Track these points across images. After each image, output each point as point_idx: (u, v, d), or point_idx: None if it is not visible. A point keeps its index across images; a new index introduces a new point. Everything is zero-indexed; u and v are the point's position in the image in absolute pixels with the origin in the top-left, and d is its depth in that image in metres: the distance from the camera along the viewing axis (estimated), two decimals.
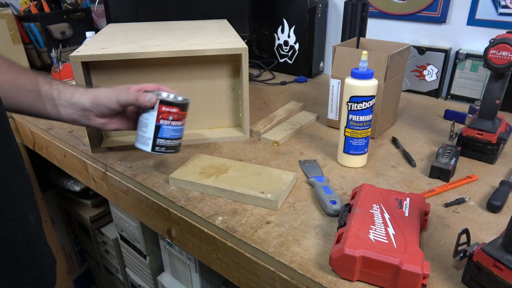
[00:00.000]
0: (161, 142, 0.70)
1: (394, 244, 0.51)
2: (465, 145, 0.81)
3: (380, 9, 1.24)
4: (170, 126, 0.70)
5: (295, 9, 1.31)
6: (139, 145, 0.72)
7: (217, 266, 0.68)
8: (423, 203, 0.60)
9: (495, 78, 0.75)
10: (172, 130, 0.71)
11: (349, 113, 0.75)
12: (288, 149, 0.88)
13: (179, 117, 0.70)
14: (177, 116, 0.70)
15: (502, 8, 1.02)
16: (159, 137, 0.70)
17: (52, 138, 1.00)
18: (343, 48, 0.91)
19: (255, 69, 1.48)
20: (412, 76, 1.19)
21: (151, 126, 0.69)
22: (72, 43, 1.54)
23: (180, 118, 0.71)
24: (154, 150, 0.71)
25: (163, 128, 0.70)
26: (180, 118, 0.71)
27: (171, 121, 0.69)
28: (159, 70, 0.87)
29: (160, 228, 0.77)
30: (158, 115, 0.69)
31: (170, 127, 0.70)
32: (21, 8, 1.54)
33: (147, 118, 0.70)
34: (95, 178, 0.90)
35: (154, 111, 0.68)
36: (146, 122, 0.70)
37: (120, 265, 1.37)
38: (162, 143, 0.71)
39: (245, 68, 0.84)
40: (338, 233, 0.55)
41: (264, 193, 0.68)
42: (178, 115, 0.70)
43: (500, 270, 0.45)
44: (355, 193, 0.64)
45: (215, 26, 1.06)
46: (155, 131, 0.69)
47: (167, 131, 0.70)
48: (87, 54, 0.78)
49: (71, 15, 1.54)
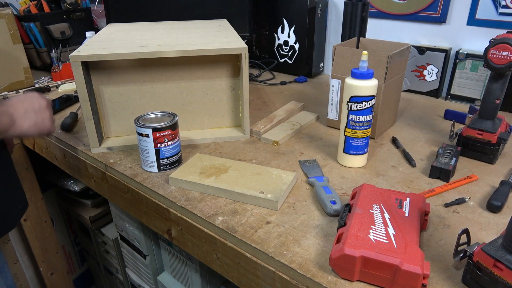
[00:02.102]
0: (164, 161, 0.79)
1: (394, 244, 0.51)
2: (465, 145, 0.81)
3: (380, 9, 1.24)
4: (168, 146, 0.77)
5: (295, 9, 1.31)
6: (146, 168, 0.80)
7: (217, 266, 0.68)
8: (423, 203, 0.60)
9: (495, 78, 0.75)
10: (171, 149, 0.78)
11: (349, 113, 0.75)
12: (288, 149, 0.88)
13: (173, 136, 0.78)
14: (171, 136, 0.77)
15: (502, 8, 1.02)
16: (161, 159, 0.78)
17: (52, 138, 1.00)
18: (343, 48, 0.91)
19: (255, 69, 1.48)
20: (412, 76, 1.19)
21: (152, 152, 0.77)
22: (72, 43, 1.54)
23: (174, 136, 0.78)
24: (160, 170, 0.79)
25: (162, 150, 0.77)
26: (174, 136, 0.78)
27: (167, 142, 0.77)
28: (159, 70, 0.87)
29: (160, 228, 0.77)
30: (154, 141, 0.76)
31: (168, 147, 0.78)
32: (21, 8, 1.54)
33: (145, 146, 0.77)
34: (95, 178, 0.90)
35: (149, 138, 0.75)
36: (146, 148, 0.77)
37: (120, 265, 1.37)
38: (165, 162, 0.79)
39: (245, 68, 0.84)
40: (338, 233, 0.55)
41: (264, 193, 0.68)
42: (172, 135, 0.77)
43: (500, 270, 0.45)
44: (355, 193, 0.64)
45: (215, 26, 1.06)
46: (156, 155, 0.77)
47: (166, 151, 0.78)
48: (87, 54, 0.78)
49: (71, 15, 1.54)
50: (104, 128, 0.91)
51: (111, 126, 0.91)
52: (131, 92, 0.88)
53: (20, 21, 1.47)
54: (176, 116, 0.79)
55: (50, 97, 1.21)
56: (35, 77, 1.43)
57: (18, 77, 1.31)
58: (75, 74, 0.78)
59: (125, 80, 0.87)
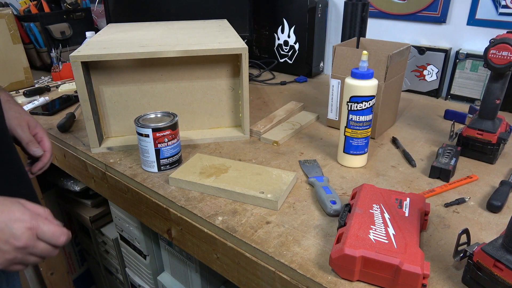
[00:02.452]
0: (164, 161, 0.78)
1: (394, 244, 0.51)
2: (465, 145, 0.81)
3: (380, 9, 1.24)
4: (168, 146, 0.77)
5: (295, 9, 1.31)
6: (146, 168, 0.80)
7: (217, 266, 0.68)
8: (423, 203, 0.60)
9: (495, 78, 0.75)
10: (171, 149, 0.78)
11: (349, 113, 0.75)
12: (288, 149, 0.88)
13: (173, 136, 0.77)
14: (171, 136, 0.77)
15: (502, 8, 1.02)
16: (161, 159, 0.78)
17: (52, 138, 1.00)
18: (343, 48, 0.91)
19: (255, 69, 1.48)
20: (412, 76, 1.19)
21: (152, 152, 0.77)
22: (72, 43, 1.54)
23: (174, 136, 0.78)
24: (160, 170, 0.79)
25: (162, 150, 0.77)
26: (174, 136, 0.78)
27: (167, 142, 0.77)
28: (159, 70, 0.87)
29: (160, 228, 0.77)
30: (154, 141, 0.76)
31: (168, 147, 0.77)
32: (21, 8, 1.54)
33: (145, 146, 0.77)
34: (95, 178, 0.90)
35: (149, 138, 0.75)
36: (146, 148, 0.77)
37: (120, 265, 1.37)
38: (165, 162, 0.79)
39: (245, 68, 0.84)
40: (338, 233, 0.55)
41: (264, 193, 0.68)
42: (172, 135, 0.77)
43: (500, 270, 0.45)
44: (355, 193, 0.64)
45: (215, 26, 1.06)
46: (156, 155, 0.77)
47: (166, 151, 0.78)
48: (87, 54, 0.78)
49: (71, 15, 1.54)
50: (104, 128, 0.91)
51: (111, 126, 0.91)
52: (131, 92, 0.88)
53: (20, 21, 1.47)
54: (176, 116, 0.79)
55: (50, 98, 1.21)
56: (35, 77, 1.43)
57: (18, 77, 1.31)
58: (75, 74, 0.78)
59: (125, 80, 0.87)
